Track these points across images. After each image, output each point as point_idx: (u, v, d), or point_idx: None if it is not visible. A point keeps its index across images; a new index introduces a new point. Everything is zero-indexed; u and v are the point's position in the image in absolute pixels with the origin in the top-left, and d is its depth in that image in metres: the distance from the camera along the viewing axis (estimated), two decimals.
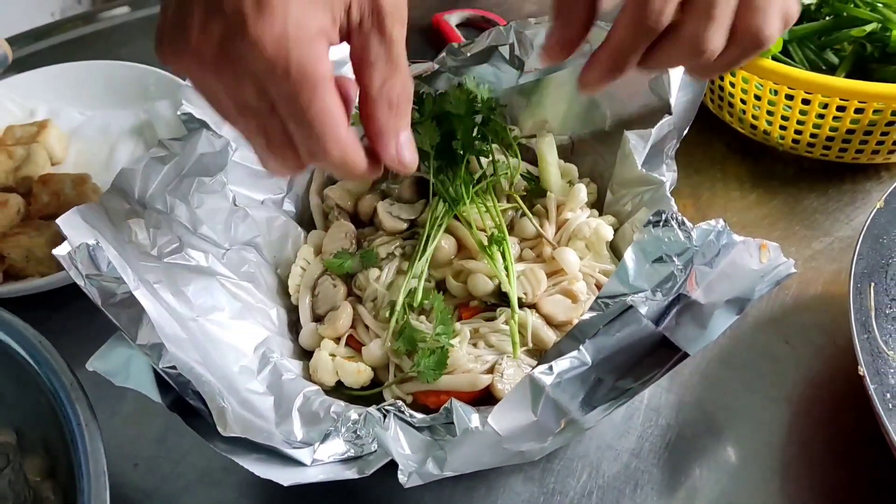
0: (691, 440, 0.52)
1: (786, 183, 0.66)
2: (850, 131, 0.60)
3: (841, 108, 0.59)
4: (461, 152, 0.54)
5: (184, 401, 0.42)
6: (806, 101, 0.60)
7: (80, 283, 0.40)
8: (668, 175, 0.54)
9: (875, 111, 0.58)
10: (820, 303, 0.57)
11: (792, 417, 0.52)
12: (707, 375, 0.55)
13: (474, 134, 0.55)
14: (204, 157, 0.53)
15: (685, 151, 0.68)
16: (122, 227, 0.47)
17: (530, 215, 0.55)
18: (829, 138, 0.62)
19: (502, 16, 0.85)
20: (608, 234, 0.54)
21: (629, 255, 0.41)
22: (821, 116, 0.60)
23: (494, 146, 0.57)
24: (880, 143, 0.61)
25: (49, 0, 2.34)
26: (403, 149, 0.39)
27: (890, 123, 0.59)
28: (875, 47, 0.64)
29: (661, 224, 0.42)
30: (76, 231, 0.42)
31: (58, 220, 0.41)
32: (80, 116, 0.74)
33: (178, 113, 0.53)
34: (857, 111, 0.58)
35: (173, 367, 0.40)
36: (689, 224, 0.42)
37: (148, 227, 0.49)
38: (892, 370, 0.49)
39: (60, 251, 0.40)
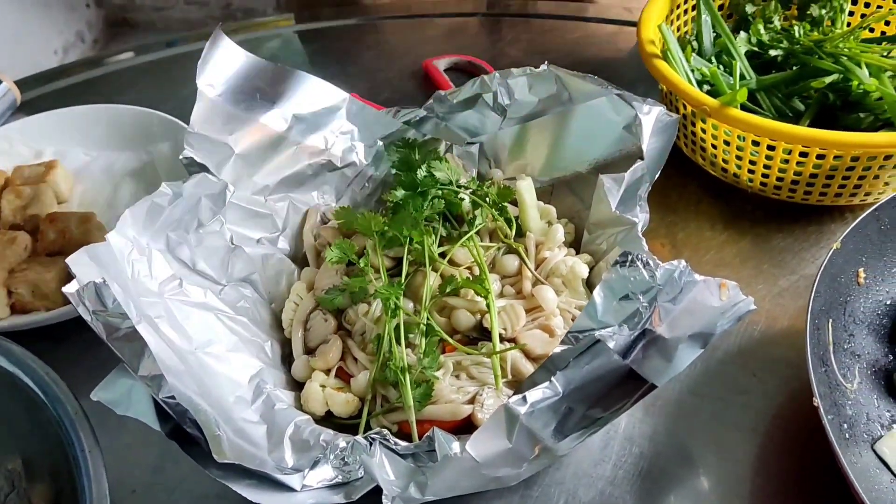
0: (664, 468, 0.55)
1: (755, 223, 0.69)
2: (814, 175, 0.64)
3: (804, 154, 0.62)
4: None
5: (182, 429, 0.44)
6: (771, 147, 0.63)
7: (88, 318, 0.43)
8: (640, 216, 0.57)
9: (836, 157, 0.62)
10: (785, 337, 0.61)
11: (758, 447, 0.55)
12: (679, 406, 0.58)
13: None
14: (204, 199, 0.56)
15: (662, 193, 0.72)
16: (126, 265, 0.50)
17: (522, 255, 0.59)
18: (794, 182, 0.65)
19: (489, 61, 0.89)
20: (583, 271, 0.57)
21: (598, 293, 0.45)
22: (786, 161, 0.64)
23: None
24: (842, 186, 0.64)
25: (53, 39, 2.41)
26: None
27: (850, 168, 0.62)
28: (837, 96, 0.68)
29: (627, 264, 0.45)
30: (84, 269, 0.45)
31: (67, 260, 0.45)
32: (86, 157, 0.78)
33: (180, 157, 0.57)
34: (819, 157, 0.62)
35: (172, 398, 0.43)
36: (653, 264, 0.45)
37: (150, 265, 0.52)
38: (849, 402, 0.52)
39: (69, 288, 0.43)
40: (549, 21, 1.01)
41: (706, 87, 0.71)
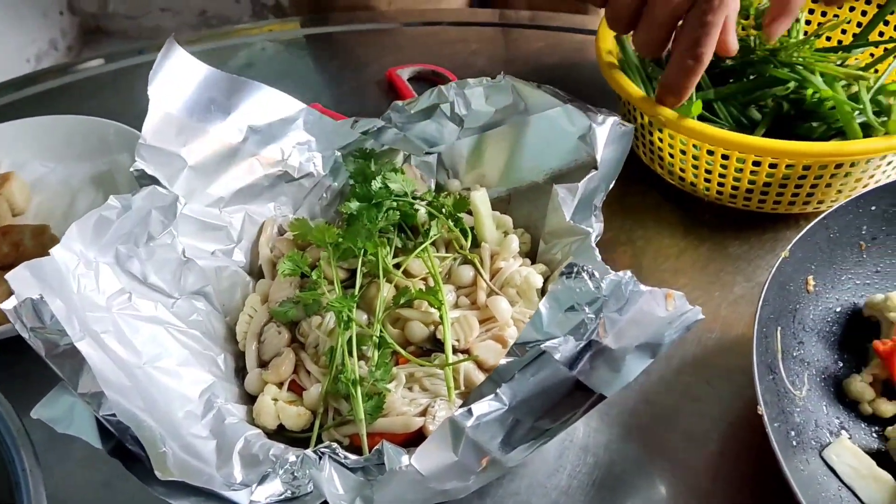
0: (618, 477, 0.55)
1: (713, 231, 0.70)
2: (767, 184, 0.64)
3: (757, 164, 0.63)
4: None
5: (124, 446, 0.44)
6: (725, 157, 0.64)
7: (25, 335, 0.42)
8: (595, 226, 0.57)
9: (788, 166, 0.62)
10: (740, 345, 0.61)
11: (712, 455, 0.55)
12: (634, 415, 0.58)
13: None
14: (154, 212, 0.56)
15: (622, 201, 0.73)
16: (71, 280, 0.49)
17: (477, 265, 0.59)
18: (749, 190, 0.66)
19: (453, 70, 0.89)
20: (538, 282, 0.57)
21: (544, 304, 0.45)
22: (740, 171, 0.64)
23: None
24: (795, 194, 0.65)
25: (26, 47, 2.39)
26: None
27: (802, 177, 0.63)
28: (791, 106, 0.69)
29: (573, 275, 0.45)
30: (25, 285, 0.45)
31: (7, 276, 0.44)
32: (43, 168, 0.77)
33: (131, 169, 0.56)
34: (772, 166, 0.63)
35: (113, 415, 0.42)
36: (598, 275, 0.45)
37: (97, 279, 0.51)
38: (798, 409, 0.52)
39: (7, 305, 0.42)
40: (516, 30, 1.01)
41: None
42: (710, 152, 0.64)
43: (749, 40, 0.74)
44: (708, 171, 0.67)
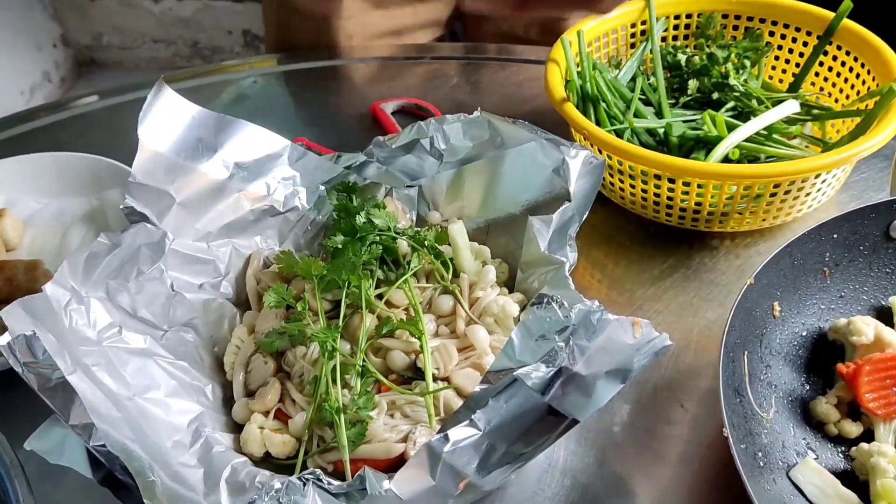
0: (595, 500, 0.56)
1: (686, 258, 0.72)
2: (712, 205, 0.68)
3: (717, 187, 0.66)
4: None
5: (114, 476, 0.45)
6: (686, 184, 0.67)
7: (19, 370, 0.44)
8: (570, 256, 0.60)
9: (746, 187, 0.65)
10: (712, 368, 0.63)
11: (687, 477, 0.57)
12: (610, 438, 0.60)
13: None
14: (143, 248, 0.58)
15: (600, 232, 0.75)
16: (63, 315, 0.51)
17: (457, 295, 0.61)
18: (710, 214, 0.69)
19: (435, 104, 0.92)
20: (514, 310, 0.59)
21: (516, 333, 0.47)
22: (686, 193, 0.68)
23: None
24: (752, 213, 0.69)
25: (20, 79, 2.42)
26: None
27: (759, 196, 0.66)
28: None
29: (543, 305, 0.47)
30: (18, 321, 0.47)
31: (1, 313, 0.46)
32: (36, 205, 0.79)
33: (121, 207, 0.58)
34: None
35: (103, 445, 0.44)
36: (567, 305, 0.47)
37: (88, 314, 0.53)
38: (765, 430, 0.54)
39: (1, 341, 0.44)
40: (494, 63, 1.04)
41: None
42: (672, 180, 0.67)
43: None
44: (669, 199, 0.69)
